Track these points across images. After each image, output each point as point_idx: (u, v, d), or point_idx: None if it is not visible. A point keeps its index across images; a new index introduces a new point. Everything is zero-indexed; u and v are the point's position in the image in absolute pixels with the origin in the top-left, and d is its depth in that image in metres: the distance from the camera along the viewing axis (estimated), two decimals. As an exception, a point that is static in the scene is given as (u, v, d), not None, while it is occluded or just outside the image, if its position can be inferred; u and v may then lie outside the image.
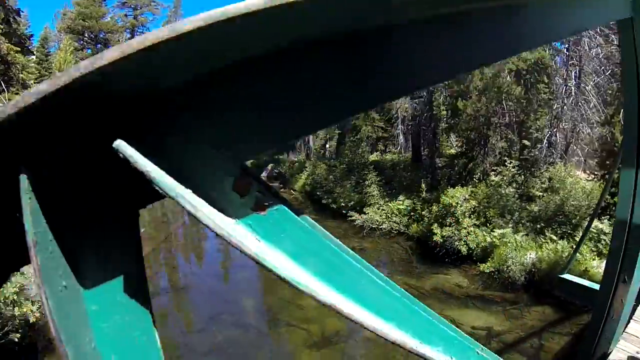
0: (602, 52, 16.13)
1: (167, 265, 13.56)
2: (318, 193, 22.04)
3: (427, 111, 19.18)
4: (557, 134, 16.45)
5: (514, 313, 9.72)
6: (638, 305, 5.41)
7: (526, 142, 15.92)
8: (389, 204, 17.02)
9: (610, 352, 4.09)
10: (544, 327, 8.97)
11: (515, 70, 16.26)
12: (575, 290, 7.49)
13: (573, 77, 16.74)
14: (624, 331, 4.61)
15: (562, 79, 17.05)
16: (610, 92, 15.55)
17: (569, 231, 12.27)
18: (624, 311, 3.90)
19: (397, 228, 16.11)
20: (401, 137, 24.43)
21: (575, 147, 17.27)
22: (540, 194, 14.23)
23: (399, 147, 24.89)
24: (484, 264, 12.20)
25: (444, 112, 19.20)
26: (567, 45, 17.15)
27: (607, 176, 12.59)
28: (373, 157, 24.19)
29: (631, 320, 4.96)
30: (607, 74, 16.02)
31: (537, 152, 15.81)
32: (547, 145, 16.09)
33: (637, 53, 2.99)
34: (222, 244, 15.18)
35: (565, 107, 16.46)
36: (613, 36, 15.16)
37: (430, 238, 13.75)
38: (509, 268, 11.33)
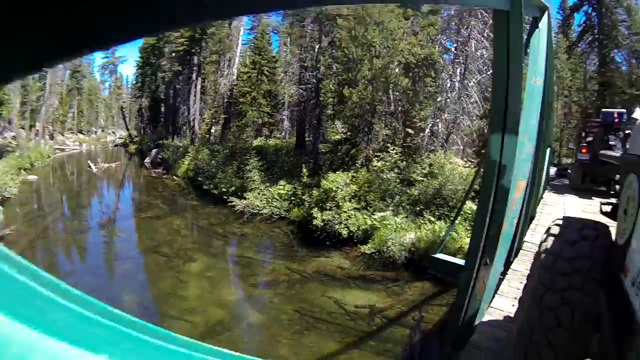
0: (486, 54, 17.09)
1: (43, 263, 11.81)
2: (200, 179, 20.91)
3: (313, 97, 18.82)
4: (439, 124, 17.01)
5: (395, 290, 9.80)
6: (502, 280, 5.55)
7: (410, 131, 16.20)
8: (270, 189, 16.44)
9: (476, 328, 4.02)
10: (424, 301, 9.17)
11: (404, 63, 16.44)
12: (447, 268, 7.69)
13: (458, 74, 17.84)
14: (488, 307, 4.60)
15: (448, 75, 18.07)
16: (490, 89, 16.37)
17: (446, 212, 12.66)
18: (487, 291, 3.90)
19: (278, 213, 15.59)
20: (286, 122, 24.00)
21: (455, 137, 18.11)
22: (421, 178, 14.47)
23: (283, 133, 24.45)
24: (364, 246, 12.17)
25: (331, 99, 18.85)
26: (455, 45, 18.33)
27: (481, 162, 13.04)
28: (257, 142, 23.59)
29: (496, 295, 5.02)
30: (488, 73, 16.98)
31: (419, 140, 16.16)
32: (429, 134, 16.52)
33: (509, 44, 3.23)
34: (105, 235, 14.51)
35: (448, 100, 17.31)
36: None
37: (311, 222, 13.45)
38: (389, 248, 11.40)
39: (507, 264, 6.03)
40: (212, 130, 27.60)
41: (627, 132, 12.43)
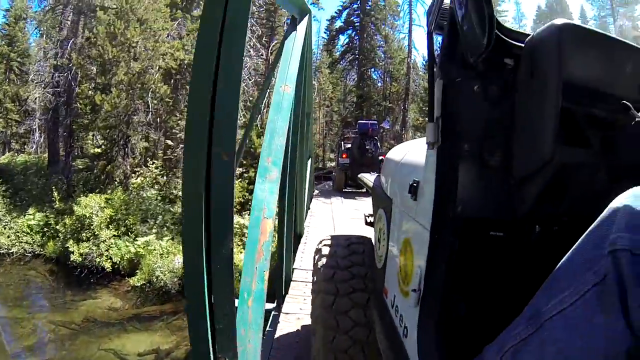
0: (249, 62, 17.91)
1: None
2: None
3: (64, 103, 16.74)
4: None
5: (177, 324, 9.24)
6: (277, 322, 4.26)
7: (170, 142, 15.73)
8: (18, 220, 14.04)
9: None
10: (212, 329, 8.74)
11: (165, 69, 15.73)
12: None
13: (224, 80, 17.92)
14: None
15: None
16: (251, 98, 17.37)
17: (217, 229, 12.47)
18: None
19: (31, 250, 13.46)
20: (37, 133, 20.31)
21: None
22: (185, 194, 14.10)
23: (35, 146, 20.98)
24: (133, 278, 11.36)
25: (84, 107, 17.05)
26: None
27: (244, 174, 13.54)
28: (4, 159, 20.16)
29: None
30: (251, 81, 18.16)
31: (180, 152, 15.81)
32: (186, 145, 16.38)
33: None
34: None
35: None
36: (263, 51, 18.90)
37: (69, 257, 12.06)
38: (159, 278, 10.84)
39: (280, 302, 4.87)
40: (-49, 149, 22.56)
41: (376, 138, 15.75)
